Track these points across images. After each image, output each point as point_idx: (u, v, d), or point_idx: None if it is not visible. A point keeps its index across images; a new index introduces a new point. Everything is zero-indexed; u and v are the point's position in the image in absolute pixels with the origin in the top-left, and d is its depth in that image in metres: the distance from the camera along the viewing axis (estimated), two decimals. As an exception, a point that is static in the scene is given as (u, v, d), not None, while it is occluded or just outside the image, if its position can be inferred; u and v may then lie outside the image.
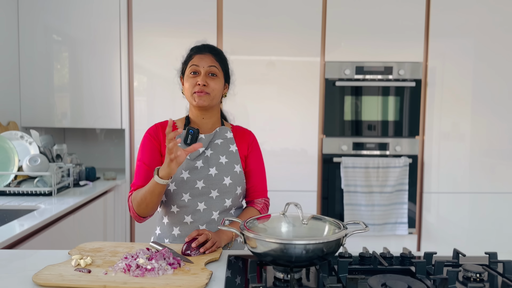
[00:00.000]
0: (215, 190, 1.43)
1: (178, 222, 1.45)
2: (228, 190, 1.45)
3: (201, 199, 1.43)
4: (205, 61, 1.44)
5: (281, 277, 1.09)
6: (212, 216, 1.44)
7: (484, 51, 2.80)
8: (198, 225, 1.43)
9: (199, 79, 1.42)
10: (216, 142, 1.49)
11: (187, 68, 1.46)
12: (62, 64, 2.85)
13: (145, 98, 2.84)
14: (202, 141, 1.47)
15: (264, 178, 1.58)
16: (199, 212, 1.43)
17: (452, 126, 2.83)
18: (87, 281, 1.05)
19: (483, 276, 1.10)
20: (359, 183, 2.76)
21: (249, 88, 2.78)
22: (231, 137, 1.52)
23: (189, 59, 1.47)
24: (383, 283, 0.98)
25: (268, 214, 1.27)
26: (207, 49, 1.47)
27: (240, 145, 1.52)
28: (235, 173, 1.46)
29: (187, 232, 1.44)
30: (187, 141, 1.45)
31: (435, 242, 2.85)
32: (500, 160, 2.85)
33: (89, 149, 3.31)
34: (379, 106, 2.80)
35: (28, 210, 1.99)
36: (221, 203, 1.44)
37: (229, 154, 1.48)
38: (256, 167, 1.55)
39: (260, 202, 1.54)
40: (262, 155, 1.59)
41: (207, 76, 1.43)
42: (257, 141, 1.59)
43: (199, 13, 2.75)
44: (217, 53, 1.49)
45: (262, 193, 1.56)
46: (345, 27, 2.77)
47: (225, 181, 1.44)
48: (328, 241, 1.03)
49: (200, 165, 1.44)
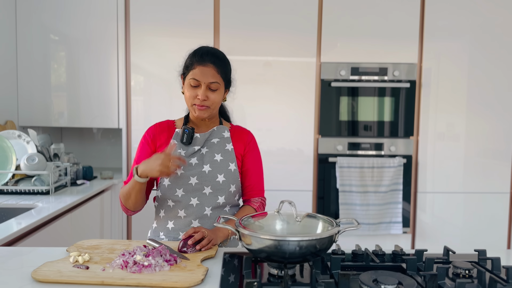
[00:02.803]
0: (208, 187, 1.46)
1: (173, 216, 1.48)
2: (221, 188, 1.47)
3: (194, 194, 1.46)
4: (206, 76, 1.41)
5: (275, 273, 1.12)
6: (205, 212, 1.46)
7: (479, 52, 2.83)
8: (191, 219, 1.46)
9: (200, 93, 1.41)
10: (213, 141, 1.52)
11: (188, 75, 1.44)
12: (59, 63, 2.86)
13: (142, 98, 2.86)
14: (197, 140, 1.49)
15: (261, 178, 1.60)
16: (192, 207, 1.46)
17: (446, 126, 2.86)
18: (85, 277, 1.07)
19: (472, 272, 1.13)
20: (354, 182, 2.79)
21: (245, 88, 2.80)
22: (228, 137, 1.54)
23: (191, 66, 1.44)
24: (374, 279, 1.01)
25: (264, 212, 1.29)
26: (209, 59, 1.43)
27: (236, 145, 1.54)
28: (229, 171, 1.48)
29: (180, 226, 1.47)
30: (183, 140, 1.48)
31: (429, 241, 2.88)
32: (494, 160, 2.89)
33: (86, 149, 3.32)
34: (374, 107, 2.83)
35: (25, 209, 2.01)
36: (214, 200, 1.47)
37: (225, 152, 1.51)
38: (254, 166, 1.57)
39: (257, 201, 1.57)
40: (260, 155, 1.61)
41: (207, 90, 1.43)
42: (256, 141, 1.60)
43: (196, 13, 2.77)
44: (220, 64, 1.45)
45: (259, 192, 1.58)
46: (341, 28, 2.80)
47: (219, 179, 1.47)
48: (321, 237, 1.05)
49: (194, 161, 1.47)
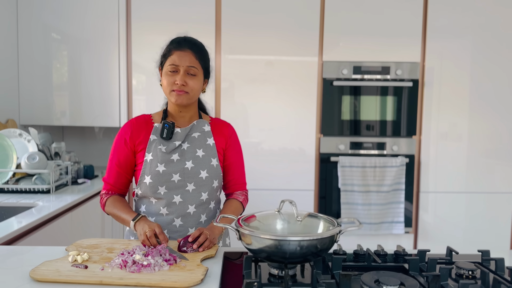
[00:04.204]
0: (191, 184, 1.44)
1: (154, 212, 1.46)
2: (204, 184, 1.45)
3: (177, 192, 1.44)
4: (184, 60, 1.40)
5: (276, 273, 1.10)
6: (188, 210, 1.45)
7: (482, 51, 2.81)
8: (173, 217, 1.44)
9: (178, 78, 1.40)
10: (193, 135, 1.48)
11: (166, 63, 1.43)
12: (61, 62, 2.85)
13: (143, 97, 2.85)
14: (178, 135, 1.46)
15: (243, 171, 1.60)
16: (175, 205, 1.44)
17: (449, 126, 2.84)
18: (84, 277, 1.06)
19: (475, 273, 1.12)
20: (356, 182, 2.77)
21: (247, 88, 2.79)
22: (208, 131, 1.51)
23: (168, 53, 1.43)
24: (376, 280, 1.00)
25: (264, 211, 1.28)
26: (187, 45, 1.43)
27: (217, 139, 1.51)
28: (211, 167, 1.46)
29: (162, 223, 1.44)
30: (163, 135, 1.44)
31: (431, 241, 2.87)
32: (497, 160, 2.87)
33: (87, 147, 3.32)
34: (376, 106, 2.82)
35: (26, 207, 2.00)
36: (197, 197, 1.45)
37: (206, 147, 1.48)
38: (236, 160, 1.56)
39: (242, 194, 1.57)
40: (241, 147, 1.59)
41: (185, 75, 1.41)
42: (236, 134, 1.58)
43: (198, 12, 2.76)
44: (197, 49, 1.44)
45: (241, 186, 1.58)
46: (343, 27, 2.78)
47: (202, 175, 1.45)
48: (322, 237, 1.04)
49: (176, 158, 1.44)
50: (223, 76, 2.79)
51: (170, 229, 1.45)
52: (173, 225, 1.45)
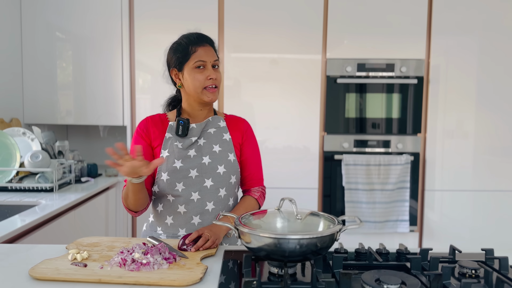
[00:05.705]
0: (209, 179, 1.42)
1: (172, 211, 1.44)
2: (222, 179, 1.43)
3: (195, 188, 1.41)
4: (209, 55, 1.41)
5: (275, 272, 1.09)
6: (206, 207, 1.42)
7: (488, 48, 2.77)
8: (191, 215, 1.42)
9: (210, 74, 1.40)
10: (209, 131, 1.47)
11: (190, 61, 1.40)
12: (65, 61, 2.86)
13: (146, 95, 2.85)
14: (193, 130, 1.45)
15: (260, 166, 1.57)
16: (193, 202, 1.42)
17: (455, 123, 2.81)
18: (83, 275, 1.05)
19: (478, 272, 1.10)
20: (360, 180, 2.75)
21: (253, 86, 2.78)
22: (224, 126, 1.50)
23: (189, 51, 1.41)
24: (377, 279, 0.98)
25: (264, 209, 1.27)
26: (206, 40, 1.45)
27: (234, 134, 1.50)
28: (229, 162, 1.45)
29: (180, 221, 1.43)
30: (179, 132, 1.43)
31: (437, 240, 2.84)
32: (503, 158, 2.83)
33: (91, 146, 3.33)
34: (381, 104, 2.79)
35: (29, 206, 2.01)
36: (216, 193, 1.43)
37: (223, 142, 1.47)
38: (252, 155, 1.53)
39: (257, 190, 1.54)
40: (257, 143, 1.57)
41: (212, 69, 1.42)
42: (252, 129, 1.57)
43: (201, 10, 2.75)
44: (213, 43, 1.47)
45: (258, 182, 1.56)
46: (347, 24, 2.76)
47: (219, 170, 1.43)
48: (321, 236, 1.03)
49: (193, 153, 1.43)
50: (226, 74, 2.78)
51: (188, 227, 1.43)
52: (191, 223, 1.42)
